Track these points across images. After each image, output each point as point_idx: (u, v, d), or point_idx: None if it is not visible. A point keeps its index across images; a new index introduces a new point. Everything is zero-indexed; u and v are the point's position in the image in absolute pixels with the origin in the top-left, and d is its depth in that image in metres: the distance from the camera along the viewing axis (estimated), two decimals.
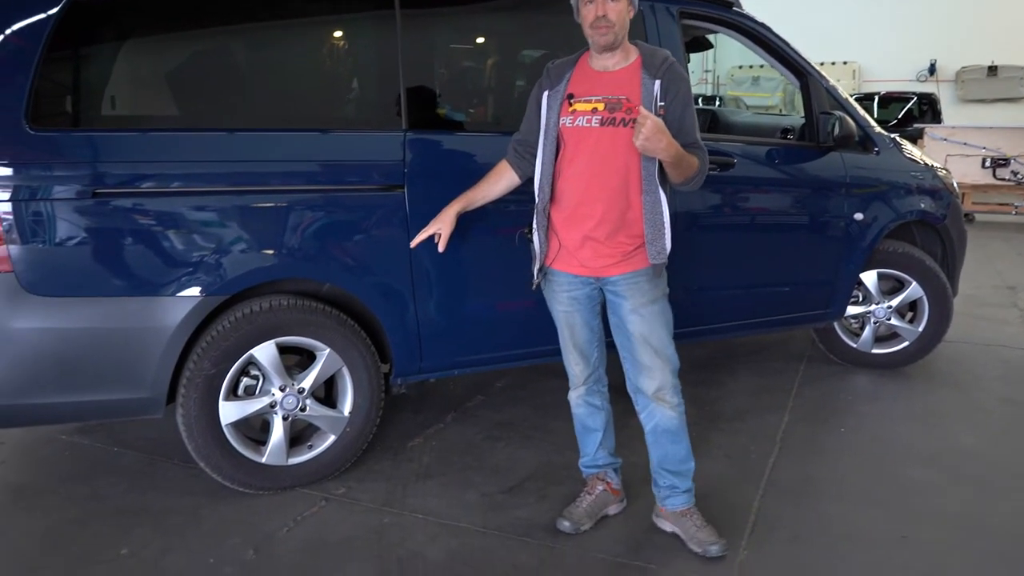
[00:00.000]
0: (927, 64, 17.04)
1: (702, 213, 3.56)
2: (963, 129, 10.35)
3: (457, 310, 3.14)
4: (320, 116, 3.03)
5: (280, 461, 2.94)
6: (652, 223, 2.42)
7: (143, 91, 2.94)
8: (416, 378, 3.21)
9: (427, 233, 2.70)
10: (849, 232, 3.99)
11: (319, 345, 2.92)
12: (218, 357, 2.77)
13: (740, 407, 3.84)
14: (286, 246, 2.82)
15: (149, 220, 2.66)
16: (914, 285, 4.22)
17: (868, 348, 4.35)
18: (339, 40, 3.14)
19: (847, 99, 4.08)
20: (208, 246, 2.71)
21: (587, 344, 2.64)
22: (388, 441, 3.42)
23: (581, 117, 2.43)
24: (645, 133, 2.20)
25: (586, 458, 2.80)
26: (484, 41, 3.51)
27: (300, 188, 2.85)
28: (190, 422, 2.78)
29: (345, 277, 2.95)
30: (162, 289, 2.68)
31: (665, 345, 2.50)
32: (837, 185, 3.93)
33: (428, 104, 3.14)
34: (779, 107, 15.47)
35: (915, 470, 3.19)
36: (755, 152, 3.78)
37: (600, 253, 2.47)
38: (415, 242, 2.76)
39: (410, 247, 2.88)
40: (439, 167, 3.04)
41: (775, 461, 3.26)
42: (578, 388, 2.72)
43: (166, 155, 2.69)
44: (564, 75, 2.51)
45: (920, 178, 4.26)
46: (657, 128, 2.21)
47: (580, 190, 2.46)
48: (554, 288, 2.61)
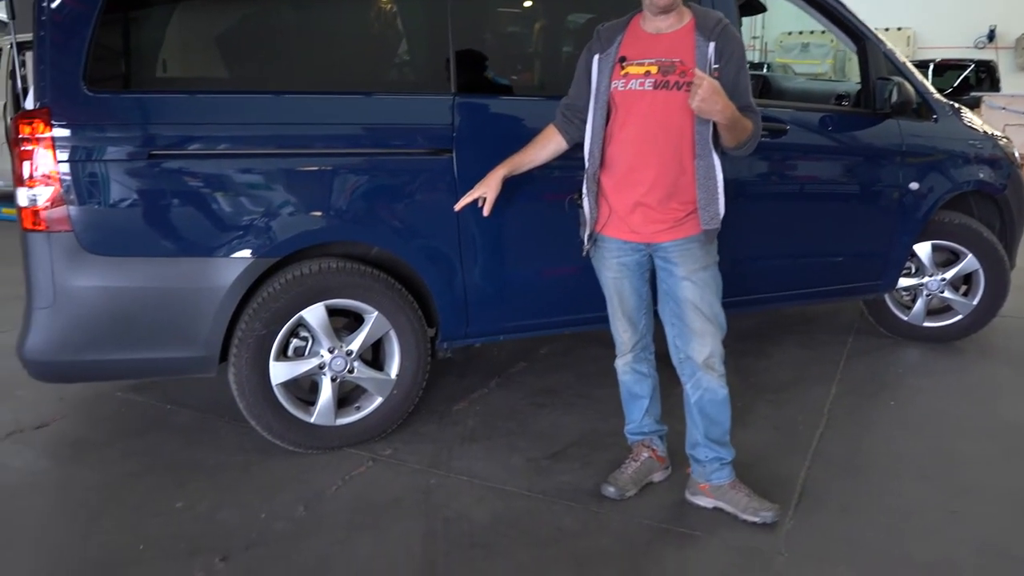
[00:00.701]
0: (986, 30, 16.46)
1: (752, 181, 3.49)
2: (1022, 98, 9.99)
3: (504, 276, 3.15)
4: (370, 79, 3.04)
5: (328, 421, 2.99)
6: (705, 188, 2.38)
7: (195, 53, 2.97)
8: (462, 343, 3.23)
9: (472, 197, 2.70)
10: (903, 202, 3.89)
11: (367, 308, 2.95)
12: (269, 318, 2.81)
13: (787, 379, 3.80)
14: (335, 209, 2.84)
15: (202, 182, 2.70)
16: (970, 257, 4.11)
17: (919, 321, 4.25)
18: (388, 3, 3.12)
19: (905, 64, 3.95)
20: (260, 208, 2.74)
21: (635, 311, 2.62)
22: (433, 404, 3.45)
23: (633, 80, 2.39)
24: (702, 94, 2.16)
25: (632, 425, 2.80)
26: (533, 5, 3.46)
27: (349, 151, 2.87)
28: (242, 381, 2.84)
29: (393, 241, 2.97)
30: (215, 250, 2.72)
31: (716, 311, 2.48)
32: (892, 153, 3.83)
33: (477, 68, 3.12)
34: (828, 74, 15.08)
35: (967, 444, 3.13)
36: (808, 119, 3.69)
37: (651, 219, 2.44)
38: (459, 205, 2.76)
39: (456, 211, 2.88)
40: (487, 131, 3.02)
41: (822, 433, 3.23)
42: (625, 355, 2.71)
43: (219, 117, 2.72)
44: (615, 38, 2.47)
45: (979, 147, 4.13)
46: (714, 89, 2.17)
47: (632, 155, 2.42)
48: (603, 254, 2.59)
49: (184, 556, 2.39)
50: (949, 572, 2.34)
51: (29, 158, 2.53)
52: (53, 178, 2.54)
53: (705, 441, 2.58)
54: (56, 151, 2.53)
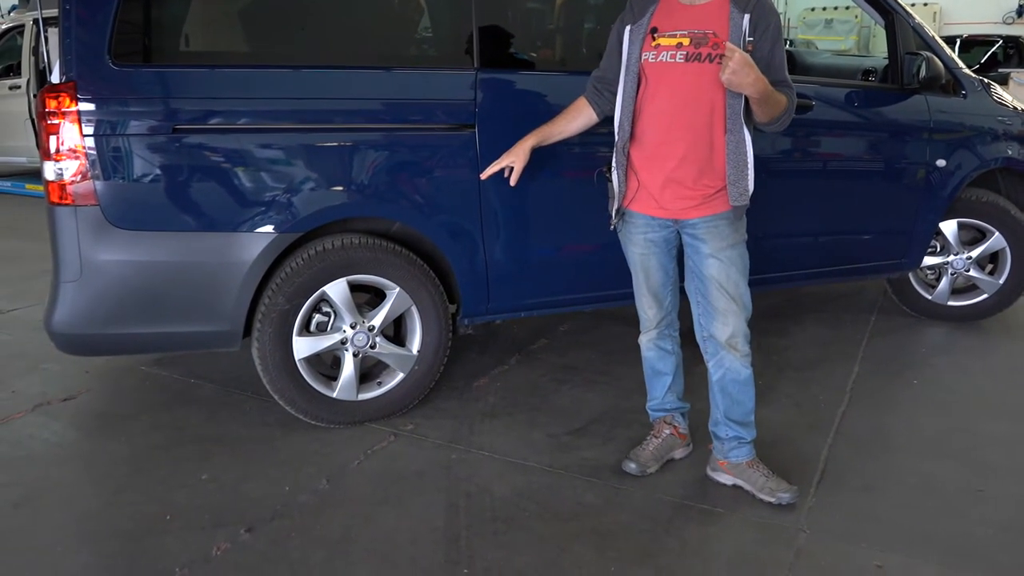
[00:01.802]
0: (1015, 5, 16.11)
1: (776, 157, 3.45)
2: None
3: (525, 252, 3.14)
4: (392, 54, 3.03)
5: (351, 396, 3.01)
6: (735, 163, 2.35)
7: (218, 28, 2.96)
8: (483, 319, 3.24)
9: (499, 165, 2.68)
10: (930, 179, 3.84)
11: (389, 284, 2.95)
12: (292, 293, 2.82)
13: (809, 357, 3.78)
14: (357, 185, 2.84)
15: (225, 157, 2.70)
16: (996, 236, 4.05)
17: (944, 300, 4.21)
18: None
19: (934, 38, 3.88)
20: (282, 184, 2.75)
21: (661, 287, 2.61)
22: (454, 380, 3.47)
23: (665, 52, 2.36)
24: (732, 67, 2.13)
25: (654, 401, 2.80)
26: None
27: (370, 127, 2.87)
28: (265, 356, 2.86)
29: (415, 217, 2.97)
30: (239, 225, 2.73)
31: (741, 292, 2.45)
32: (920, 130, 3.77)
33: (499, 43, 3.09)
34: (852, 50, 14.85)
35: (992, 424, 3.10)
36: (834, 94, 3.64)
37: (681, 195, 2.41)
38: (486, 174, 2.73)
39: (479, 186, 2.88)
40: (510, 107, 3.00)
41: (845, 411, 3.21)
42: (650, 331, 2.70)
43: (242, 92, 2.73)
44: (648, 8, 2.43)
45: (1008, 123, 4.05)
46: (744, 62, 2.13)
47: (662, 128, 2.39)
48: (631, 229, 2.57)
49: (209, 527, 2.42)
50: (972, 550, 2.33)
51: (55, 132, 2.55)
52: (79, 152, 2.55)
53: (725, 420, 2.57)
54: (82, 125, 2.54)
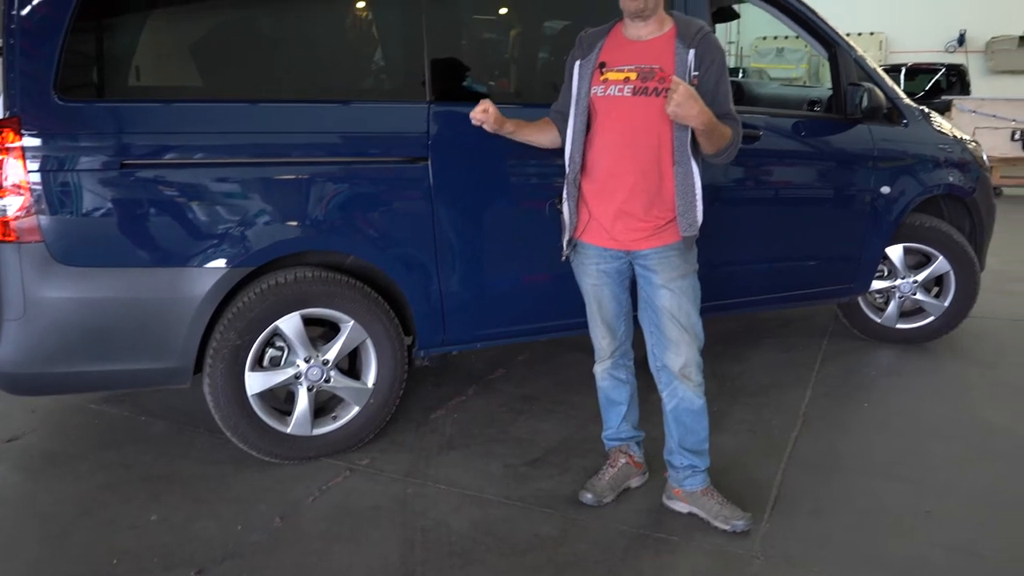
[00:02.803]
0: (956, 34, 16.69)
1: (726, 186, 3.52)
2: (992, 101, 10.16)
3: (480, 283, 3.15)
4: (345, 87, 3.03)
5: (305, 431, 2.97)
6: (684, 195, 2.39)
7: (169, 62, 2.94)
8: (439, 350, 3.23)
9: (479, 108, 2.55)
10: (875, 206, 3.94)
11: (343, 317, 2.94)
12: (244, 328, 2.79)
13: (763, 381, 3.83)
14: (310, 218, 2.83)
15: (176, 191, 2.68)
16: (941, 259, 4.17)
17: (892, 323, 4.31)
18: (363, 10, 3.11)
19: (875, 70, 4.00)
20: (234, 218, 2.73)
21: (615, 318, 2.63)
22: (411, 413, 3.44)
23: (613, 86, 2.40)
24: (677, 99, 2.17)
25: (609, 431, 2.81)
26: (509, 12, 3.46)
27: (324, 160, 2.86)
28: (217, 392, 2.82)
29: (369, 249, 2.96)
30: (190, 260, 2.70)
31: (693, 322, 2.49)
32: (864, 158, 3.88)
33: (452, 76, 3.12)
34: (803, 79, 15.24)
35: (940, 445, 3.17)
36: (781, 124, 3.73)
37: (632, 227, 2.44)
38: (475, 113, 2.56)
39: (433, 218, 2.91)
40: (463, 139, 3.00)
41: (798, 435, 3.26)
42: (604, 361, 2.71)
43: (193, 126, 2.70)
44: (596, 44, 2.48)
45: (949, 151, 4.20)
46: (689, 95, 2.18)
47: (612, 161, 2.43)
48: (583, 261, 2.59)
49: (159, 570, 2.36)
50: (922, 572, 2.37)
51: None
52: (23, 188, 2.50)
53: (680, 449, 2.59)
54: (26, 161, 2.50)
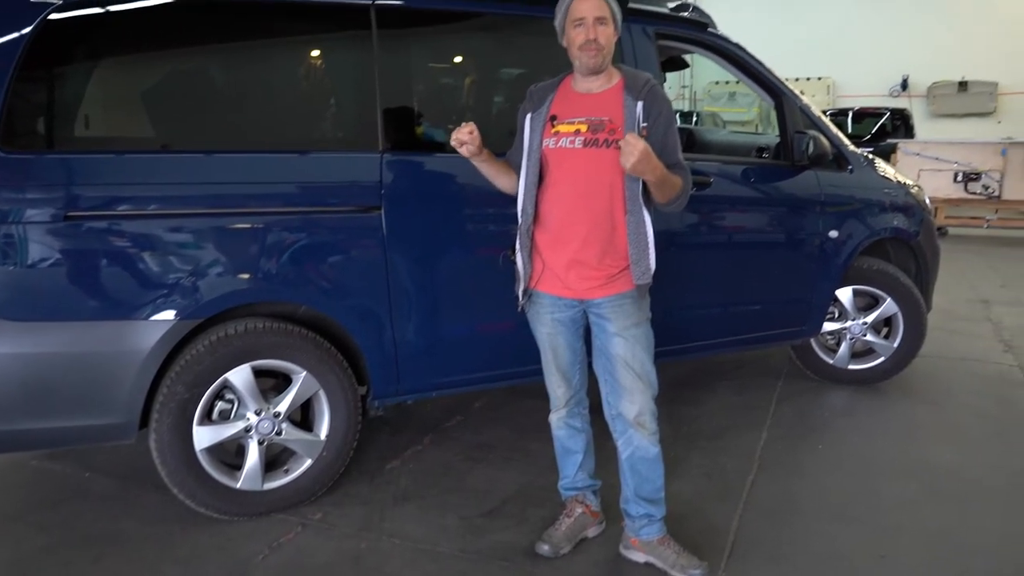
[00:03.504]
0: (899, 80, 17.33)
1: (679, 232, 3.57)
2: (935, 144, 10.53)
3: (435, 331, 3.13)
4: (296, 137, 3.02)
5: (255, 486, 2.90)
6: (637, 244, 2.42)
7: (118, 112, 2.91)
8: (394, 400, 3.19)
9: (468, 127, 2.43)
10: (824, 249, 4.03)
11: (295, 368, 2.89)
12: (192, 381, 2.73)
13: (719, 425, 3.85)
14: (261, 268, 2.80)
15: (122, 243, 2.63)
16: (889, 301, 4.26)
17: (844, 364, 4.38)
18: (316, 60, 3.12)
19: (820, 117, 4.12)
20: (182, 269, 2.68)
21: (570, 366, 2.63)
22: (365, 464, 3.38)
23: (564, 138, 2.44)
24: (636, 156, 2.19)
25: (565, 480, 2.79)
26: (462, 62, 3.51)
27: (275, 210, 2.83)
28: (163, 447, 2.74)
29: (321, 299, 2.93)
30: (135, 312, 2.64)
31: (647, 370, 2.50)
32: (812, 203, 3.97)
33: (405, 125, 3.13)
34: (755, 122, 15.65)
35: (893, 486, 3.21)
36: (731, 171, 3.81)
37: (585, 276, 2.46)
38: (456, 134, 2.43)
39: (387, 267, 2.90)
40: (417, 188, 3.03)
41: (754, 479, 3.27)
42: (559, 410, 2.70)
43: (139, 177, 2.66)
44: (547, 97, 2.52)
45: (893, 195, 4.32)
46: (645, 152, 2.21)
47: (565, 211, 2.45)
48: (538, 310, 2.60)
49: None
50: None
51: None
52: None
53: (635, 498, 2.58)
54: None
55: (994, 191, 9.92)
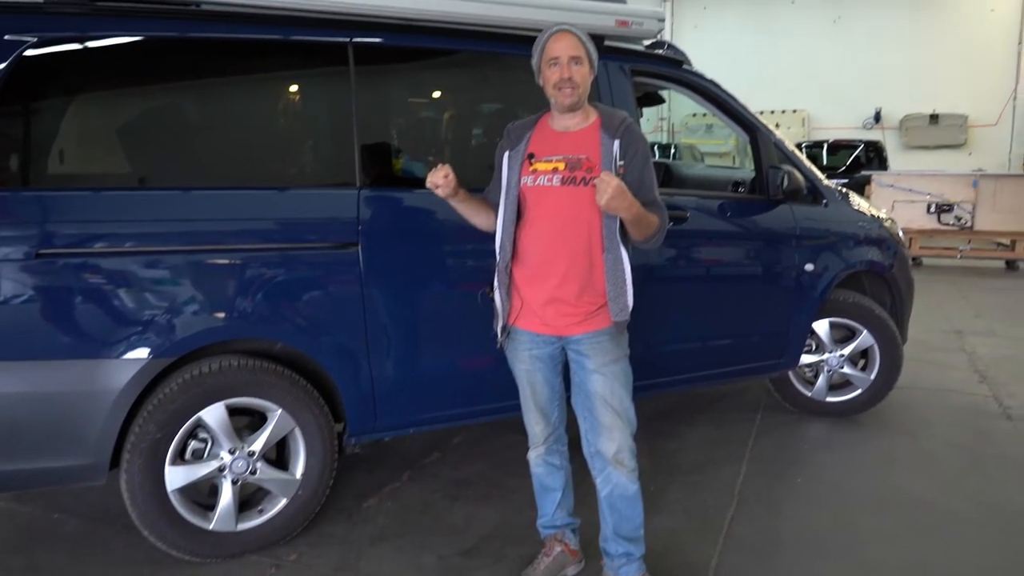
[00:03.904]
0: (872, 112, 17.66)
1: (657, 266, 3.59)
2: (908, 176, 10.69)
3: (413, 368, 3.11)
4: (273, 174, 3.01)
5: (229, 527, 2.84)
6: (614, 281, 2.42)
7: (93, 148, 2.88)
8: (371, 437, 3.16)
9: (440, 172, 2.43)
10: (801, 283, 4.06)
11: (270, 406, 2.86)
12: (165, 420, 2.69)
13: (698, 459, 3.84)
14: (237, 305, 2.77)
15: (95, 281, 2.60)
16: (865, 334, 4.30)
17: (822, 397, 4.40)
18: (293, 97, 3.13)
19: (794, 152, 4.18)
20: (156, 306, 2.65)
21: (548, 403, 2.62)
22: (342, 502, 3.34)
23: (542, 176, 2.45)
24: (610, 193, 2.21)
25: (544, 518, 2.76)
26: (440, 98, 3.53)
27: (252, 246, 2.82)
28: (134, 488, 2.69)
29: (298, 336, 2.91)
30: (107, 351, 2.61)
31: (626, 407, 2.49)
32: (788, 237, 4.01)
33: (383, 161, 3.14)
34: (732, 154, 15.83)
35: (872, 520, 3.21)
36: (707, 205, 3.85)
37: (563, 312, 2.46)
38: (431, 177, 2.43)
39: (364, 303, 2.89)
40: (394, 224, 3.02)
41: (733, 515, 3.25)
42: (538, 447, 2.69)
43: (114, 214, 2.65)
44: (524, 136, 2.53)
45: (867, 229, 4.37)
46: (620, 189, 2.23)
47: (543, 249, 2.46)
48: (516, 346, 2.59)
49: None
50: None
51: None
52: None
53: (614, 536, 2.56)
54: None
55: (966, 222, 10.08)
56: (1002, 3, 16.76)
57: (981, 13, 16.87)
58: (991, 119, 17.04)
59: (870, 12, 17.54)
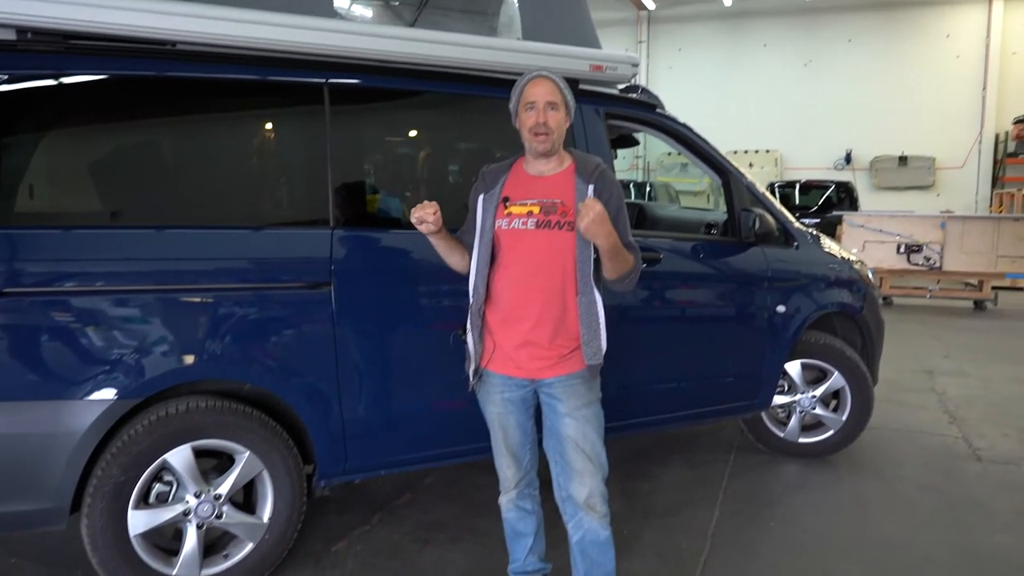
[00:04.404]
0: (843, 153, 18.01)
1: (631, 307, 3.60)
2: (878, 217, 10.89)
3: (384, 409, 3.08)
4: (246, 213, 2.98)
5: (193, 573, 2.77)
6: (588, 324, 2.43)
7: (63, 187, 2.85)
8: (341, 479, 3.11)
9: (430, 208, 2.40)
10: (773, 324, 4.09)
11: (238, 448, 2.81)
12: (129, 463, 2.63)
13: (672, 501, 3.82)
14: (206, 346, 2.73)
15: (61, 320, 2.56)
16: (836, 375, 4.33)
17: (795, 437, 4.41)
18: (268, 136, 3.12)
19: (765, 195, 4.23)
20: (123, 347, 2.61)
21: (520, 447, 2.60)
22: (310, 545, 3.27)
23: (517, 220, 2.46)
24: (592, 216, 2.23)
25: (515, 564, 2.73)
26: (414, 138, 3.55)
27: (222, 286, 2.79)
28: (95, 533, 2.62)
29: (268, 377, 2.87)
30: (71, 392, 2.55)
31: (598, 451, 2.48)
32: (760, 279, 4.04)
33: (357, 201, 3.13)
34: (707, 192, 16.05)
35: (845, 564, 3.20)
36: (681, 247, 3.87)
37: (536, 355, 2.46)
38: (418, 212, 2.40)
39: (336, 343, 2.87)
40: (367, 264, 3.01)
41: (707, 559, 3.23)
42: (509, 492, 2.66)
43: (83, 253, 2.61)
44: (499, 179, 2.55)
45: (838, 271, 4.42)
46: (601, 215, 2.25)
47: (516, 292, 2.46)
48: (488, 390, 2.57)
49: None
50: None
51: None
52: None
53: None
54: None
55: (935, 262, 10.26)
56: (966, 50, 17.28)
57: (946, 59, 17.37)
58: (958, 162, 17.46)
59: (840, 56, 17.99)
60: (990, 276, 10.16)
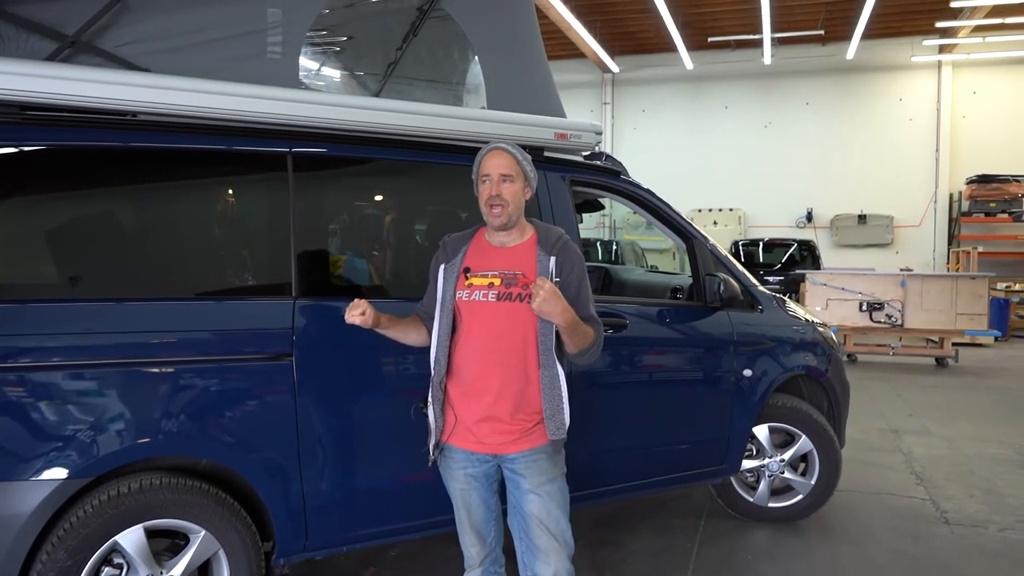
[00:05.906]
0: (804, 212, 18.39)
1: (597, 374, 3.58)
2: (840, 275, 11.06)
3: (346, 483, 2.99)
4: (207, 283, 2.93)
5: None
6: (551, 398, 2.40)
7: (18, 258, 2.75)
8: (301, 557, 3.00)
9: (362, 306, 2.43)
10: (740, 388, 4.09)
11: (193, 527, 2.70)
12: (76, 546, 2.51)
13: (642, 570, 3.75)
14: (162, 421, 2.65)
15: (11, 396, 2.45)
16: (804, 439, 4.32)
17: (765, 502, 4.37)
18: (230, 206, 3.09)
19: (728, 258, 4.27)
20: (74, 423, 2.52)
21: (484, 524, 2.54)
22: None
23: (478, 291, 2.44)
24: (543, 296, 2.22)
25: None
26: (378, 207, 3.54)
27: (180, 359, 2.71)
28: None
29: (226, 452, 2.78)
30: (17, 472, 2.44)
31: (563, 529, 2.43)
32: (726, 343, 4.05)
33: (319, 270, 3.09)
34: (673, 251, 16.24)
35: None
36: (647, 312, 3.88)
37: (498, 430, 2.42)
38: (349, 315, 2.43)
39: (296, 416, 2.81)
40: (330, 335, 2.96)
41: None
42: (474, 570, 2.58)
43: (32, 327, 2.53)
44: (460, 249, 2.54)
45: (803, 333, 4.45)
46: (554, 293, 2.24)
47: (477, 364, 2.43)
48: (450, 464, 2.52)
49: None
50: None
51: None
52: None
53: None
54: None
55: (897, 320, 10.41)
56: (918, 114, 17.88)
57: (900, 122, 17.94)
58: (915, 220, 17.90)
59: (798, 119, 18.51)
60: (950, 333, 10.33)
